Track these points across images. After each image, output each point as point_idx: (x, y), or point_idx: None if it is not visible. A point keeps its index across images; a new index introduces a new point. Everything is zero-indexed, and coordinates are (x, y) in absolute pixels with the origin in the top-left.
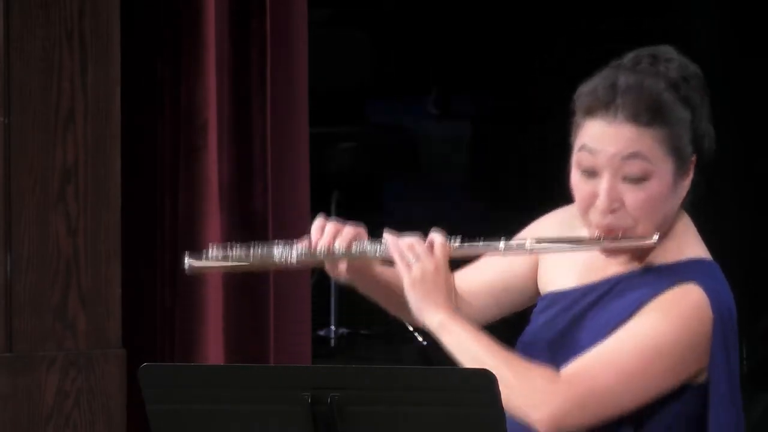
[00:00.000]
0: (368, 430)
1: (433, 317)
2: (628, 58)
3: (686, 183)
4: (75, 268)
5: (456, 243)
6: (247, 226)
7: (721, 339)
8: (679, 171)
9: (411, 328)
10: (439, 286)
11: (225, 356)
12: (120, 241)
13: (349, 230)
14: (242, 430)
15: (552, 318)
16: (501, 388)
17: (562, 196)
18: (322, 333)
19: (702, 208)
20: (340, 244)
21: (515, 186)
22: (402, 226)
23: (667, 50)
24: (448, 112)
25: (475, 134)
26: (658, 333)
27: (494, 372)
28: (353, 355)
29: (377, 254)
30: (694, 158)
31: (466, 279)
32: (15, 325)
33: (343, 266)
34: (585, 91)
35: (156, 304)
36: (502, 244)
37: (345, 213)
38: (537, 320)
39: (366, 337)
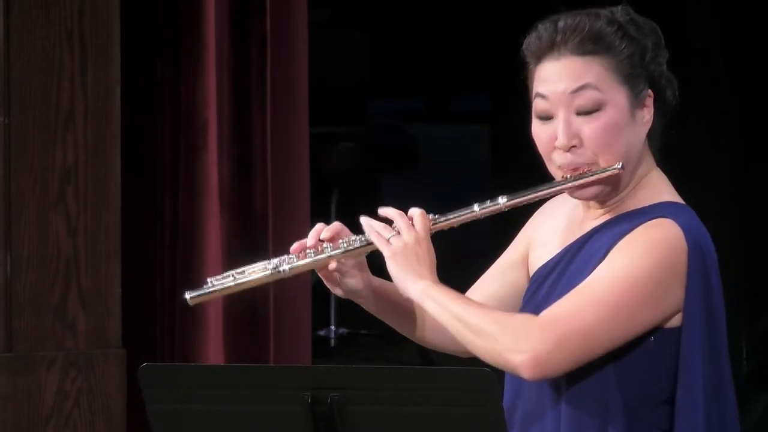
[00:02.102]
0: (368, 430)
1: (415, 285)
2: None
3: (646, 117)
4: (75, 268)
5: (435, 215)
6: (247, 226)
7: (697, 273)
8: (635, 101)
9: None
10: (421, 256)
11: (225, 356)
12: (120, 241)
13: (332, 225)
14: (242, 430)
15: (534, 291)
16: (483, 341)
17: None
18: (322, 333)
19: (702, 208)
20: (327, 243)
21: (516, 186)
22: None
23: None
24: (447, 112)
25: (475, 134)
26: (633, 265)
27: (476, 326)
28: (353, 355)
29: (362, 242)
30: (650, 93)
31: (489, 277)
32: (15, 325)
33: (333, 265)
34: (530, 40)
35: (156, 304)
36: (476, 206)
37: (345, 213)
38: (523, 302)
39: (366, 337)
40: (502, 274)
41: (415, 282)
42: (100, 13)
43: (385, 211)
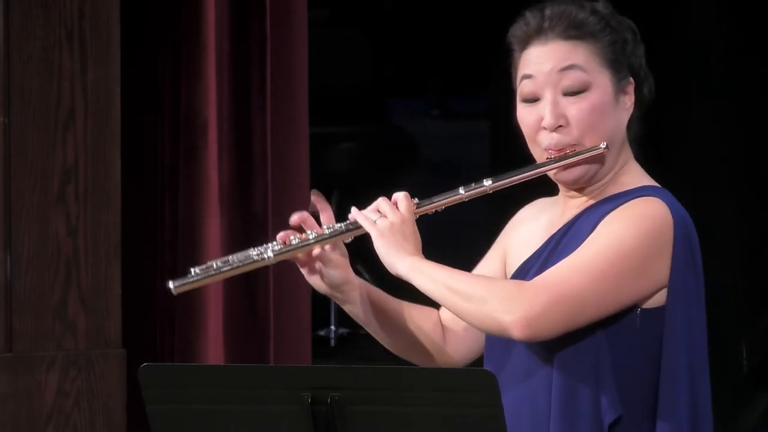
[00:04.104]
0: (368, 430)
1: (403, 261)
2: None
3: (628, 104)
4: (75, 268)
5: (417, 200)
6: (247, 227)
7: (682, 248)
8: (618, 85)
9: None
10: (407, 235)
11: (225, 356)
12: (120, 241)
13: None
14: (242, 430)
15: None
16: (474, 305)
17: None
18: (322, 333)
19: (702, 208)
20: (310, 231)
21: (515, 185)
22: None
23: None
24: (447, 111)
25: (475, 134)
26: (621, 235)
27: (466, 291)
28: (353, 355)
29: (347, 227)
30: (631, 81)
31: None
32: (15, 325)
33: (317, 251)
34: (517, 26)
35: (156, 304)
36: (461, 189)
37: (345, 213)
38: None
39: (366, 337)
40: (494, 259)
41: (402, 258)
42: (100, 13)
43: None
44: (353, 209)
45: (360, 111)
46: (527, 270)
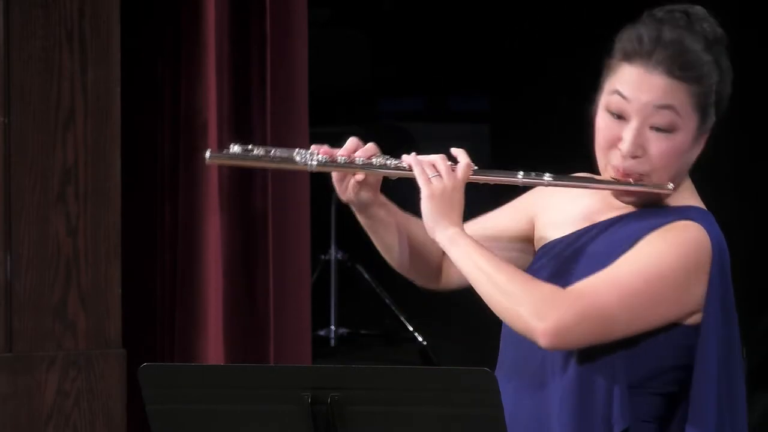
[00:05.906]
0: (368, 430)
1: (446, 231)
2: (663, 11)
3: (702, 142)
4: (75, 268)
5: (476, 167)
6: (247, 226)
7: (719, 277)
8: (700, 130)
9: (411, 328)
10: (455, 203)
11: (225, 356)
12: (120, 241)
13: (369, 145)
14: (242, 430)
15: (545, 264)
16: (509, 302)
17: None
18: (322, 333)
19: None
20: (360, 155)
21: (516, 186)
22: None
23: (700, 11)
24: (447, 111)
25: (474, 134)
26: (661, 258)
27: (504, 285)
28: (353, 355)
29: (396, 166)
30: (714, 121)
31: (472, 231)
32: (15, 325)
33: (360, 176)
34: (629, 36)
35: (156, 304)
36: (520, 174)
37: (345, 213)
38: (530, 271)
39: (366, 337)
40: (518, 212)
41: (445, 227)
42: (100, 13)
43: (426, 156)
44: (413, 155)
45: (360, 111)
46: (555, 254)
